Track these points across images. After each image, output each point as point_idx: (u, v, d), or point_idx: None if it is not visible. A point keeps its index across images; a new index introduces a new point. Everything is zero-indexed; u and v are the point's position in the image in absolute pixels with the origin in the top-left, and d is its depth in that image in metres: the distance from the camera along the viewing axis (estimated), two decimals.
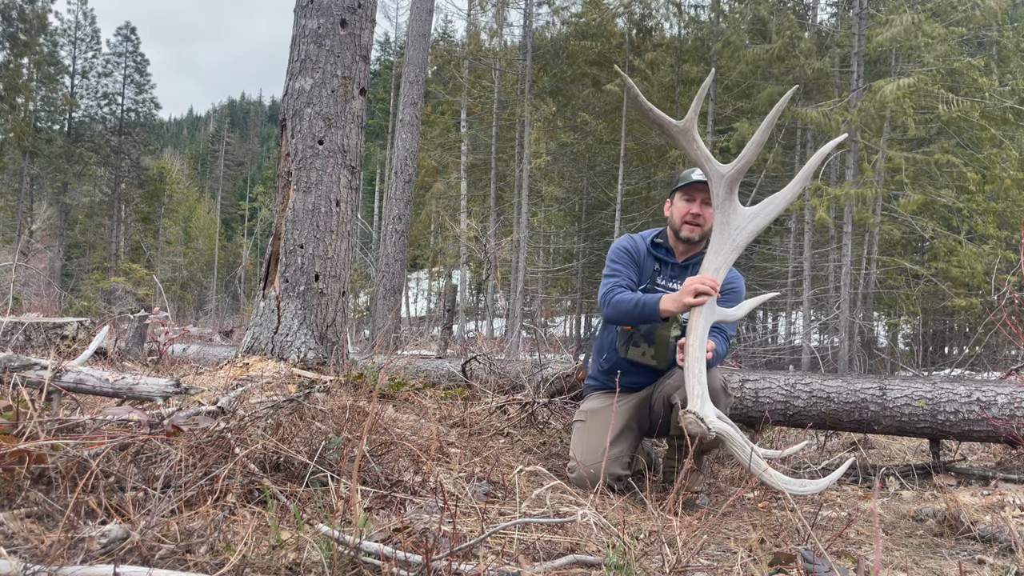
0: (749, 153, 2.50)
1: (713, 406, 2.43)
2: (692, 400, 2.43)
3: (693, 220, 3.03)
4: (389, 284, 12.09)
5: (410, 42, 12.83)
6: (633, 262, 3.11)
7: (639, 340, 3.03)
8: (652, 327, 3.00)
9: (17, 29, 33.87)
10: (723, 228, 2.59)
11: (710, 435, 2.32)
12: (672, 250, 3.13)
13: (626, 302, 2.88)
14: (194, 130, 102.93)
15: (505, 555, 1.82)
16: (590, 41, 24.40)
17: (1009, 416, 3.37)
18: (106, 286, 29.88)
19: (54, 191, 38.69)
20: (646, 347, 3.03)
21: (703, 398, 2.41)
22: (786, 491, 2.21)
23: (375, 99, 39.53)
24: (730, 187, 2.56)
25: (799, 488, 2.21)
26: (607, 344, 3.19)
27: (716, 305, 2.62)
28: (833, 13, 24.20)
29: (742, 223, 2.59)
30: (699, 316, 2.57)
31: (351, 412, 2.73)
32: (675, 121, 2.59)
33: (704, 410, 2.38)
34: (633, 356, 3.05)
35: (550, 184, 26.21)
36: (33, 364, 2.36)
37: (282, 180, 4.23)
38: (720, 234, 2.60)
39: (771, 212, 2.59)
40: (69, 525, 1.47)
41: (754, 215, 2.59)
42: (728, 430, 2.34)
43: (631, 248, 3.15)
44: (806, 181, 2.55)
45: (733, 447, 2.33)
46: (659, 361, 3.04)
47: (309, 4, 4.25)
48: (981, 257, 16.78)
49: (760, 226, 2.60)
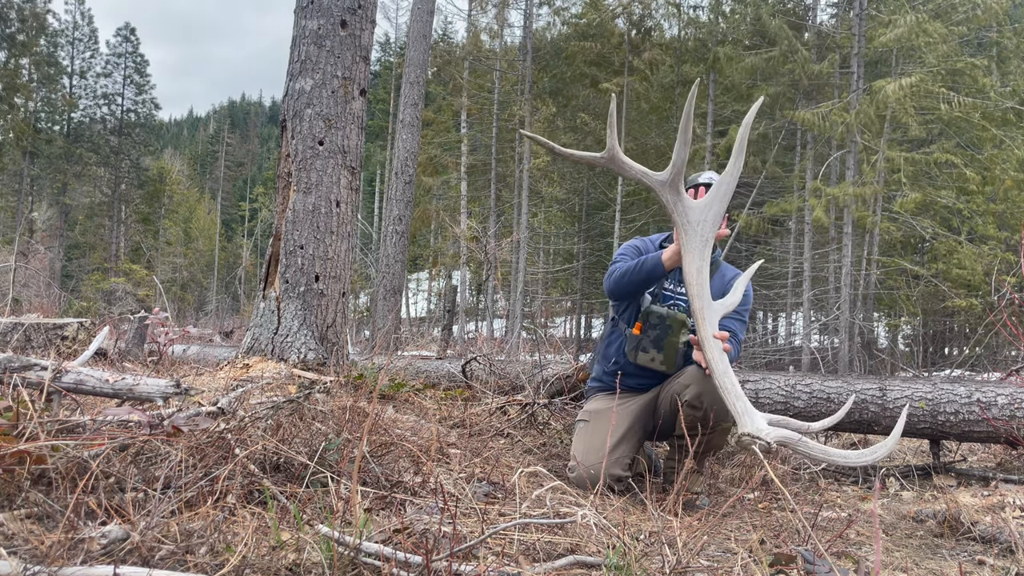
0: (678, 156, 2.53)
1: (761, 413, 2.40)
2: (739, 420, 2.37)
3: None
4: (389, 285, 12.09)
5: (411, 43, 12.84)
6: (641, 255, 3.13)
7: (648, 346, 3.03)
8: (662, 333, 3.00)
9: (15, 29, 33.88)
10: (686, 228, 2.61)
11: (773, 447, 2.30)
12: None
13: (626, 267, 2.94)
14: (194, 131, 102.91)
15: (505, 556, 1.82)
16: (590, 42, 24.40)
17: (1009, 417, 3.37)
18: (106, 287, 29.87)
19: (54, 192, 38.70)
20: (655, 353, 3.03)
21: (749, 413, 2.37)
22: (855, 464, 2.23)
23: (375, 100, 39.53)
24: (675, 190, 2.59)
25: (866, 458, 2.20)
26: (615, 349, 3.19)
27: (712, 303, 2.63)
28: (833, 14, 24.20)
29: (701, 215, 2.62)
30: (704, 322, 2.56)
31: (351, 413, 2.73)
32: (598, 154, 2.65)
33: (755, 425, 2.33)
34: (642, 361, 3.05)
35: (550, 185, 26.20)
36: (33, 365, 2.36)
37: (282, 181, 4.23)
38: (687, 234, 2.62)
39: (724, 193, 2.60)
40: (69, 526, 1.47)
41: (708, 204, 2.61)
42: (785, 435, 2.28)
43: (640, 246, 3.20)
44: (742, 152, 2.55)
45: (797, 449, 2.28)
46: (668, 367, 3.04)
47: (309, 5, 4.25)
48: (981, 258, 16.78)
49: (720, 211, 2.62)
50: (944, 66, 16.68)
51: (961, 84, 17.42)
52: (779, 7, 21.58)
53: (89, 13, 42.09)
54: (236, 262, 51.02)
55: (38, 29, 35.70)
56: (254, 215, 56.45)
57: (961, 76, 17.22)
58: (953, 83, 17.35)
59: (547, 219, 30.26)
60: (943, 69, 16.66)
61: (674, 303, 3.07)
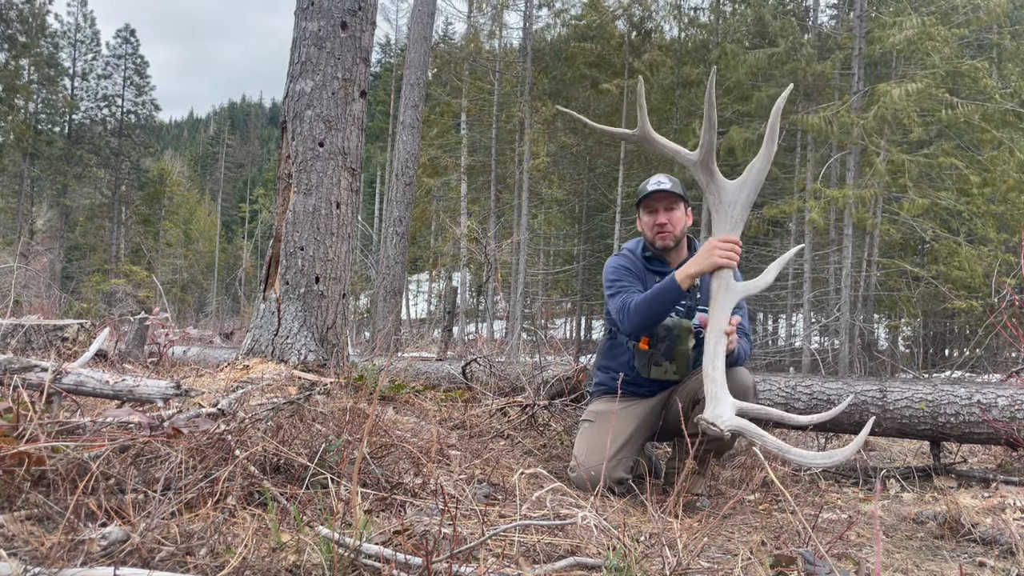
0: (706, 136, 2.57)
1: (732, 402, 2.41)
2: (707, 403, 2.42)
3: (662, 230, 3.03)
4: (389, 286, 12.09)
5: (411, 45, 12.84)
6: (634, 276, 3.09)
7: (660, 359, 2.99)
8: (671, 344, 2.97)
9: (16, 30, 33.90)
10: (718, 208, 2.62)
11: (726, 435, 2.32)
12: (663, 259, 3.13)
13: (641, 302, 2.87)
14: (194, 132, 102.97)
15: (505, 557, 1.81)
16: (590, 43, 24.40)
17: (1010, 418, 3.37)
18: (106, 288, 29.88)
19: (54, 193, 38.70)
20: (668, 364, 3.00)
21: (716, 399, 2.41)
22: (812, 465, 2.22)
23: (375, 101, 39.54)
24: (707, 169, 2.62)
25: (824, 460, 2.18)
26: (621, 363, 3.13)
27: (732, 281, 2.62)
28: (833, 15, 24.20)
29: (733, 197, 2.62)
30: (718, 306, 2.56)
31: (351, 414, 2.73)
32: (630, 131, 2.68)
33: (715, 411, 2.37)
34: (656, 375, 3.02)
35: (550, 186, 26.20)
36: (33, 366, 2.36)
37: (282, 182, 4.23)
38: (717, 213, 2.62)
39: (756, 176, 2.60)
40: (69, 527, 1.47)
41: (742, 185, 2.62)
42: (742, 425, 2.31)
43: (628, 265, 3.13)
44: (774, 139, 2.56)
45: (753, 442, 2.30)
46: (681, 375, 3.03)
47: (310, 6, 4.25)
48: (981, 259, 16.78)
49: (751, 194, 2.62)
50: (946, 68, 16.68)
51: (962, 86, 17.44)
52: (780, 8, 21.59)
53: (91, 15, 42.16)
54: (236, 263, 51.04)
55: (38, 30, 35.72)
56: (254, 216, 56.47)
57: (962, 78, 17.23)
58: (954, 84, 17.35)
59: (547, 220, 30.25)
60: (944, 71, 16.66)
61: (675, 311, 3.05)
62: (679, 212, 3.04)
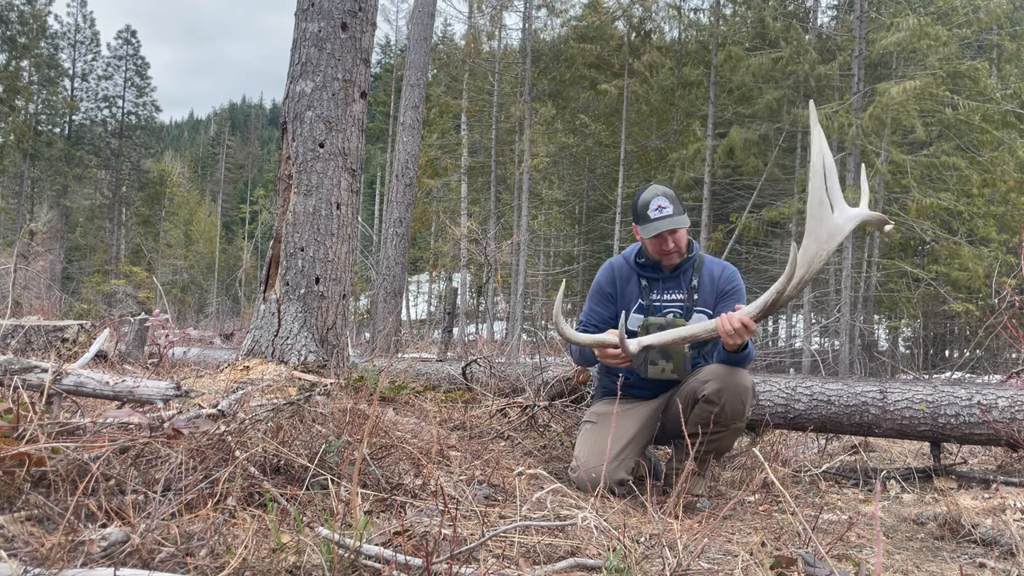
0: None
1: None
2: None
3: (668, 253, 3.02)
4: (390, 287, 12.09)
5: (411, 46, 12.85)
6: (608, 298, 3.13)
7: (656, 358, 3.00)
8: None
9: (16, 32, 33.92)
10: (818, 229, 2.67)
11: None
12: (658, 266, 3.13)
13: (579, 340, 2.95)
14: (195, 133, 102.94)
15: (506, 558, 1.81)
16: (589, 44, 24.41)
17: (1010, 419, 3.36)
18: (106, 289, 29.89)
19: (54, 194, 38.72)
20: (664, 363, 3.01)
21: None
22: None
23: (375, 102, 39.55)
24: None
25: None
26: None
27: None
28: (833, 16, 24.22)
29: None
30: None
31: (351, 415, 2.73)
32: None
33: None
34: (653, 375, 3.03)
35: (550, 187, 26.22)
36: (34, 367, 2.36)
37: (282, 183, 4.23)
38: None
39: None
40: (69, 528, 1.47)
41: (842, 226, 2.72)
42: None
43: (608, 281, 3.16)
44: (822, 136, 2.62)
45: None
46: (679, 374, 3.03)
47: (310, 7, 4.25)
48: (981, 260, 16.78)
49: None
50: (945, 68, 16.69)
51: (962, 87, 17.44)
52: (780, 9, 21.60)
53: (91, 16, 42.19)
54: (236, 264, 51.02)
55: (39, 31, 35.74)
56: (254, 217, 56.47)
57: (962, 79, 17.24)
58: (954, 85, 17.36)
59: (547, 221, 30.27)
60: (944, 72, 16.66)
61: (669, 311, 3.05)
62: (682, 231, 3.00)
